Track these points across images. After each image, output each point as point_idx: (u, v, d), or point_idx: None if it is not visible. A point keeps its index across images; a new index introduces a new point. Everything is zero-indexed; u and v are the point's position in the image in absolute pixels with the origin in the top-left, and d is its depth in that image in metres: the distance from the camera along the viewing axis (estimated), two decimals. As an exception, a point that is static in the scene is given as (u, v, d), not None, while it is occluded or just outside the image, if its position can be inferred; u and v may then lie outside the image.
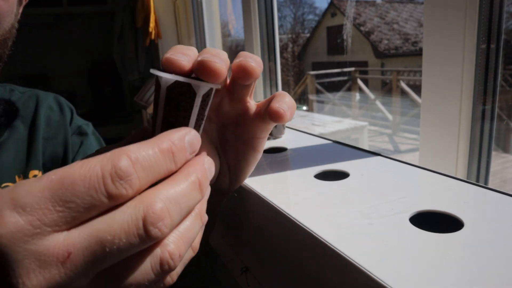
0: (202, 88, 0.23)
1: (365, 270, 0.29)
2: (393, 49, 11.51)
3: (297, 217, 0.39)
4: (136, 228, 0.16)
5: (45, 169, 0.55)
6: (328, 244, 0.33)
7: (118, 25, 2.71)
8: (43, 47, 3.12)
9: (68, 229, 0.16)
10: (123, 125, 3.11)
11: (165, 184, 0.18)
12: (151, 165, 0.18)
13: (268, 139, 0.77)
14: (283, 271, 0.46)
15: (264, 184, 0.49)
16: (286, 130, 0.82)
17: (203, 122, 0.25)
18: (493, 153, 0.66)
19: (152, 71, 0.23)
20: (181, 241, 0.19)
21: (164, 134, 0.19)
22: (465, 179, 0.44)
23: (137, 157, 0.17)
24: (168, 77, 0.22)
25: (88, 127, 0.62)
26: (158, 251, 0.18)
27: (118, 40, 2.73)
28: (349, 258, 0.31)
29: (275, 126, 0.78)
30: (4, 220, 0.15)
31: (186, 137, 0.20)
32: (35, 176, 0.52)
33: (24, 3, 0.49)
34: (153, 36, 2.21)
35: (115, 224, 0.16)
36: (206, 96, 0.24)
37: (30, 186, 0.16)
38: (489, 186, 0.43)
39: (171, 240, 0.18)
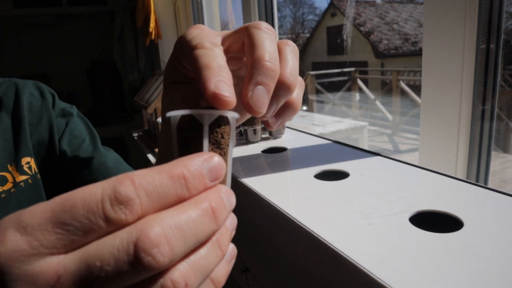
0: (207, 117, 0.22)
1: (365, 270, 0.29)
2: (393, 49, 11.51)
3: (297, 217, 0.39)
4: (126, 254, 0.15)
5: (35, 154, 0.54)
6: (328, 244, 0.33)
7: (118, 25, 2.71)
8: (43, 47, 3.12)
9: (66, 252, 0.16)
10: (123, 125, 3.11)
11: (170, 210, 0.17)
12: (156, 190, 0.17)
13: (268, 139, 0.77)
14: (283, 271, 0.46)
15: (264, 184, 0.49)
16: (286, 130, 0.82)
17: (227, 150, 0.23)
18: (493, 153, 0.66)
19: (166, 115, 0.23)
20: (190, 270, 0.17)
21: (179, 160, 0.18)
22: (465, 179, 0.44)
23: (141, 182, 0.16)
24: (174, 114, 0.22)
25: (73, 109, 0.61)
26: (160, 280, 0.16)
27: (118, 40, 2.73)
28: (349, 258, 0.31)
29: (275, 126, 0.78)
30: (5, 239, 0.15)
31: (204, 163, 0.19)
32: (27, 163, 0.52)
33: None
34: (153, 36, 2.21)
35: (105, 249, 0.15)
36: (217, 126, 0.22)
37: (37, 207, 0.16)
38: (489, 186, 0.43)
39: (177, 268, 0.17)
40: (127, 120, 3.17)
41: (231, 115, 0.22)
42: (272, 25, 1.48)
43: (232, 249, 0.21)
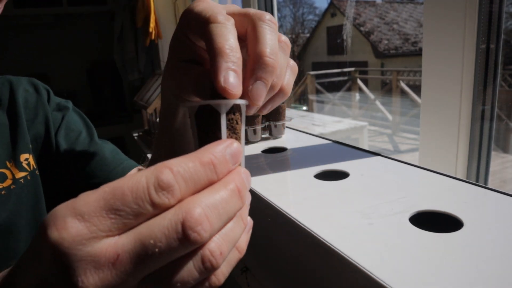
0: (224, 107, 0.24)
1: (365, 270, 0.29)
2: (393, 49, 11.51)
3: (297, 217, 0.39)
4: (175, 232, 0.18)
5: (32, 150, 0.54)
6: (328, 244, 0.33)
7: (118, 25, 2.71)
8: (43, 47, 3.12)
9: (119, 234, 0.18)
10: (123, 125, 3.11)
11: (204, 192, 0.20)
12: (191, 177, 0.20)
13: (268, 139, 0.77)
14: (283, 271, 0.46)
15: (264, 184, 0.49)
16: (286, 130, 0.82)
17: (241, 134, 0.26)
18: (493, 153, 0.66)
19: (182, 106, 0.25)
20: (223, 241, 0.20)
21: (206, 147, 0.21)
22: (465, 179, 0.44)
23: (178, 170, 0.19)
24: (192, 105, 0.24)
25: (68, 103, 0.61)
26: (200, 251, 0.19)
27: (118, 40, 2.73)
28: (349, 258, 0.31)
29: (275, 126, 0.78)
30: (66, 225, 0.18)
31: (227, 149, 0.21)
32: (26, 159, 0.52)
33: None
34: (153, 36, 2.21)
35: (156, 229, 0.18)
36: (232, 113, 0.25)
37: (88, 196, 0.18)
38: (489, 186, 0.43)
39: (213, 240, 0.20)
40: (127, 120, 3.17)
41: (243, 102, 0.26)
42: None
43: (249, 221, 0.24)
